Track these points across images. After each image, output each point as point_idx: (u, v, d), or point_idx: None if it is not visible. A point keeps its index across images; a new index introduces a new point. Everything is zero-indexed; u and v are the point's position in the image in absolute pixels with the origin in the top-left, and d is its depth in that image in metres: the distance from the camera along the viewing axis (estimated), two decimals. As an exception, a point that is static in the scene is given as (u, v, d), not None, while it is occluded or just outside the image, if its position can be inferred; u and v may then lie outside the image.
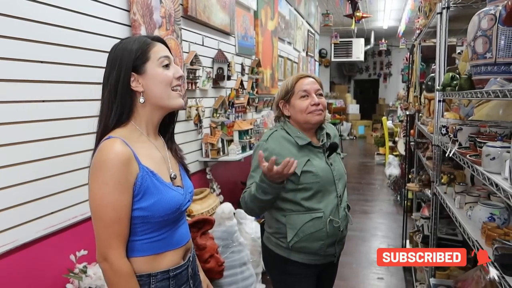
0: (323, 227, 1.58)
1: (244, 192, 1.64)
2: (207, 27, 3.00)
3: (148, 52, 1.12)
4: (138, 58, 1.11)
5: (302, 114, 1.64)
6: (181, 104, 1.18)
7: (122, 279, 1.07)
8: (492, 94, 1.22)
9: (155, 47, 1.14)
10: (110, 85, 1.12)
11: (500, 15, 1.35)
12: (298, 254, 1.62)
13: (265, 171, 1.44)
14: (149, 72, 1.12)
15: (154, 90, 1.13)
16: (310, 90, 1.65)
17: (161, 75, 1.13)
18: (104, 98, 1.13)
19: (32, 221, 1.52)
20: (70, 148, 1.69)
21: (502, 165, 1.23)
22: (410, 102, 3.65)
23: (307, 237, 1.58)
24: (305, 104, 1.64)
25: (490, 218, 1.47)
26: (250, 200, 1.57)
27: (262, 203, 1.56)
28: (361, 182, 6.91)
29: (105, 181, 1.04)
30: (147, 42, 1.14)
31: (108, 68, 1.13)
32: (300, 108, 1.65)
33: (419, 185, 3.09)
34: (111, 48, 1.15)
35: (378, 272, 3.50)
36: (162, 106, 1.16)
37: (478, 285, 1.76)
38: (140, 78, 1.12)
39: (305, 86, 1.65)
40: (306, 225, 1.58)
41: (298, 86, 1.66)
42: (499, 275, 1.12)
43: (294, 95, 1.67)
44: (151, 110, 1.16)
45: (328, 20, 8.22)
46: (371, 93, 14.87)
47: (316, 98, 1.64)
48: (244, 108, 3.65)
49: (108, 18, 1.92)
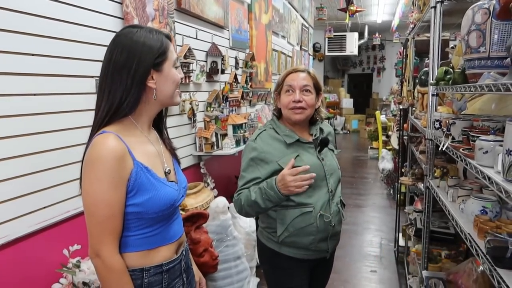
0: (313, 222, 1.58)
1: (239, 193, 1.61)
2: (201, 20, 2.98)
3: (167, 52, 1.14)
4: (159, 56, 1.12)
5: (285, 110, 1.65)
6: (179, 101, 1.28)
7: (114, 275, 1.07)
8: (486, 88, 1.23)
9: (171, 46, 1.16)
10: (124, 74, 1.08)
11: (494, 9, 1.36)
12: (288, 249, 1.62)
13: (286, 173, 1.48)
14: (165, 72, 1.14)
15: (165, 88, 1.15)
16: (295, 86, 1.62)
17: (174, 75, 1.16)
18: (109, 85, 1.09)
19: (25, 215, 1.51)
20: (63, 142, 1.67)
21: (494, 159, 1.24)
22: (404, 96, 3.66)
23: (297, 232, 1.58)
24: (287, 99, 1.63)
25: (482, 211, 1.48)
26: (248, 205, 1.56)
27: (261, 209, 1.56)
28: (355, 176, 6.95)
29: (98, 177, 1.04)
30: (165, 41, 1.14)
31: (123, 58, 1.08)
32: (283, 103, 1.65)
33: (412, 179, 3.10)
34: (121, 34, 1.11)
35: (371, 265, 3.53)
36: (167, 103, 1.19)
37: (470, 277, 1.78)
38: (156, 76, 1.12)
39: (290, 81, 1.64)
40: (296, 220, 1.58)
41: (287, 80, 1.65)
42: (490, 267, 1.14)
43: (282, 88, 1.67)
44: (153, 106, 1.17)
45: (322, 14, 8.20)
46: (365, 87, 14.91)
47: (298, 95, 1.61)
48: (238, 102, 3.64)
49: (100, 11, 1.90)
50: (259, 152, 1.60)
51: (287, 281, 1.66)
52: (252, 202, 1.54)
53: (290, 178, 1.47)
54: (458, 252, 2.42)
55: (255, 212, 1.61)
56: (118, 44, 1.10)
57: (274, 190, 1.49)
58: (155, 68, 1.11)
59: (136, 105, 1.13)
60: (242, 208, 1.60)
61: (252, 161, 1.61)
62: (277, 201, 1.52)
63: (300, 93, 1.62)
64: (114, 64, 1.09)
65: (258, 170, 1.59)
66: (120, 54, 1.08)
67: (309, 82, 1.64)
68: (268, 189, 1.51)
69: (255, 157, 1.60)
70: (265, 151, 1.60)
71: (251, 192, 1.55)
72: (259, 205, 1.53)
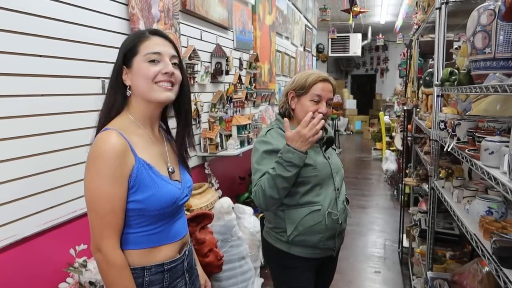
0: (322, 220, 1.59)
1: (256, 183, 1.57)
2: (206, 21, 2.99)
3: (138, 47, 1.13)
4: (128, 52, 1.14)
5: (302, 114, 1.60)
6: (166, 97, 1.15)
7: (115, 270, 1.08)
8: (492, 89, 1.23)
9: (147, 41, 1.14)
10: (112, 76, 1.16)
11: (500, 10, 1.36)
12: (298, 248, 1.63)
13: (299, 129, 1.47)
14: (135, 67, 1.13)
15: (138, 84, 1.14)
16: (324, 96, 1.61)
17: (144, 70, 1.12)
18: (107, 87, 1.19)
19: (32, 215, 1.52)
20: (70, 142, 1.68)
21: (500, 160, 1.24)
22: (408, 97, 3.66)
23: (306, 230, 1.60)
24: (312, 108, 1.60)
25: (488, 211, 1.48)
26: (269, 186, 1.50)
27: (285, 182, 1.50)
28: (358, 177, 6.94)
29: (99, 172, 1.05)
30: (140, 36, 1.15)
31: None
32: (306, 109, 1.60)
33: (417, 179, 3.10)
34: None
35: (375, 266, 3.53)
36: (147, 99, 1.15)
37: (475, 278, 1.78)
38: (129, 72, 1.14)
39: (320, 91, 1.61)
40: (305, 218, 1.59)
41: (316, 88, 1.61)
42: (496, 268, 1.14)
43: (307, 94, 1.62)
44: (141, 103, 1.17)
45: (326, 15, 8.19)
46: (368, 88, 14.89)
47: (325, 108, 1.60)
48: (242, 103, 3.65)
49: (106, 12, 1.91)
50: (271, 145, 1.59)
51: (294, 281, 1.67)
52: (273, 178, 1.49)
53: (306, 129, 1.47)
54: (462, 253, 2.42)
55: (278, 192, 1.51)
56: None
57: (291, 152, 1.47)
58: (125, 65, 1.14)
59: (123, 103, 1.16)
60: (265, 193, 1.52)
61: (265, 153, 1.59)
62: (299, 162, 1.48)
63: (327, 106, 1.62)
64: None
65: (273, 161, 1.54)
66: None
67: (332, 95, 1.65)
68: (286, 155, 1.48)
69: (268, 150, 1.59)
70: (277, 144, 1.59)
71: (269, 173, 1.51)
72: (283, 176, 1.47)
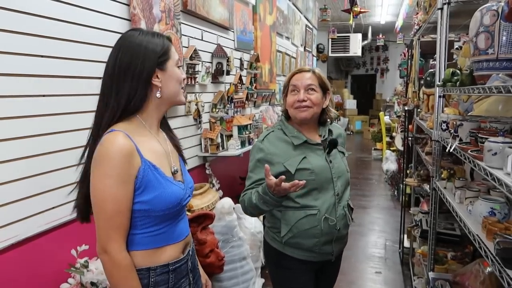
0: (318, 225, 1.57)
1: (244, 194, 1.62)
2: (206, 21, 2.99)
3: (169, 52, 1.18)
4: (162, 55, 1.16)
5: (291, 109, 1.67)
6: (184, 100, 1.29)
7: (121, 272, 1.08)
8: (495, 90, 1.23)
9: (172, 47, 1.21)
10: (129, 74, 1.12)
11: (502, 11, 1.36)
12: (292, 249, 1.63)
13: (271, 185, 1.40)
14: (169, 70, 1.18)
15: (170, 86, 1.18)
16: (299, 85, 1.64)
17: (178, 74, 1.20)
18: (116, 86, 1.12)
19: (34, 215, 1.52)
20: (72, 143, 1.68)
21: (503, 160, 1.23)
22: (409, 98, 3.65)
23: (300, 233, 1.59)
24: (292, 99, 1.65)
25: (490, 212, 1.48)
26: (250, 206, 1.57)
27: (262, 211, 1.58)
28: (359, 177, 6.94)
29: (106, 174, 1.06)
30: (167, 42, 1.20)
31: (128, 59, 1.12)
32: (288, 102, 1.67)
33: (418, 180, 3.10)
34: (124, 37, 1.15)
35: (376, 267, 3.53)
36: (173, 101, 1.22)
37: (477, 279, 1.78)
38: (160, 74, 1.16)
39: (295, 81, 1.66)
40: (300, 221, 1.58)
41: (292, 81, 1.68)
42: (500, 269, 1.14)
43: (288, 89, 1.69)
44: (159, 105, 1.20)
45: (326, 15, 8.18)
46: (368, 88, 14.89)
47: (302, 94, 1.62)
48: (243, 103, 3.65)
49: (108, 12, 1.91)
50: (265, 154, 1.61)
51: (291, 281, 1.66)
52: (253, 204, 1.54)
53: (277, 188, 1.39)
54: (464, 253, 2.42)
55: (257, 213, 1.63)
56: (122, 47, 1.14)
57: (269, 196, 1.46)
58: (159, 67, 1.15)
59: (143, 103, 1.16)
60: (246, 208, 1.62)
61: (258, 162, 1.61)
62: (275, 204, 1.49)
63: (305, 92, 1.63)
64: (119, 66, 1.12)
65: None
66: (125, 56, 1.12)
67: (314, 82, 1.65)
68: (262, 194, 1.48)
69: (262, 158, 1.61)
70: (271, 152, 1.61)
71: (252, 194, 1.55)
72: (259, 207, 1.53)
